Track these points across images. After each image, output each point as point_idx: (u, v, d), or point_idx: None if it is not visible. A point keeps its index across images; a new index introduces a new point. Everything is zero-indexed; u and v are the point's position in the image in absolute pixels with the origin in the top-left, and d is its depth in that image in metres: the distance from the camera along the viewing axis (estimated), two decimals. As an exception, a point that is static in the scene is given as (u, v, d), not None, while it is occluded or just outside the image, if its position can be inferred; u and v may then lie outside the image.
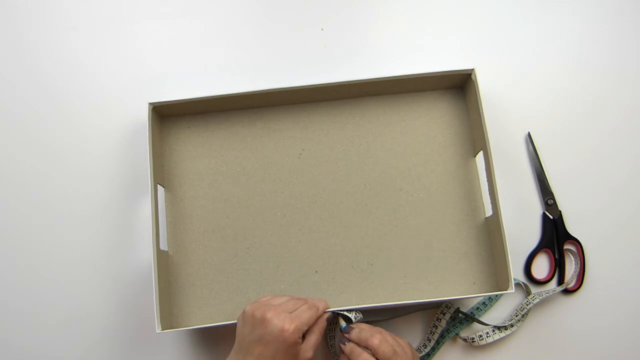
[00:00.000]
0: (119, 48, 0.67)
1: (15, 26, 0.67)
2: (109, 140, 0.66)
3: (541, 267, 0.65)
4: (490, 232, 0.62)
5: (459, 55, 0.68)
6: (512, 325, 0.63)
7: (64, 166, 0.65)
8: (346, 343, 0.54)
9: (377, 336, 0.52)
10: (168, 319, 0.60)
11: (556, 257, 0.65)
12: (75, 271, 0.64)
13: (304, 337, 0.52)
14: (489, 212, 0.62)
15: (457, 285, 0.62)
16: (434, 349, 0.62)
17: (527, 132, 0.66)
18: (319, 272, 0.63)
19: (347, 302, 0.62)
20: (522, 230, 0.65)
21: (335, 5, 0.68)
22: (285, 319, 0.49)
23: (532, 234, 0.65)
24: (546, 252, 0.65)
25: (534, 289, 0.64)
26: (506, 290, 0.58)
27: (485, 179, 0.62)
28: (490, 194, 0.61)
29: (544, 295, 0.63)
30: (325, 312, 0.55)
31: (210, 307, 0.62)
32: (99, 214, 0.64)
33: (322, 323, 0.54)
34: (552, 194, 0.65)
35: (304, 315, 0.51)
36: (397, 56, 0.68)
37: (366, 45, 0.68)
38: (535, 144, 0.66)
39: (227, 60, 0.67)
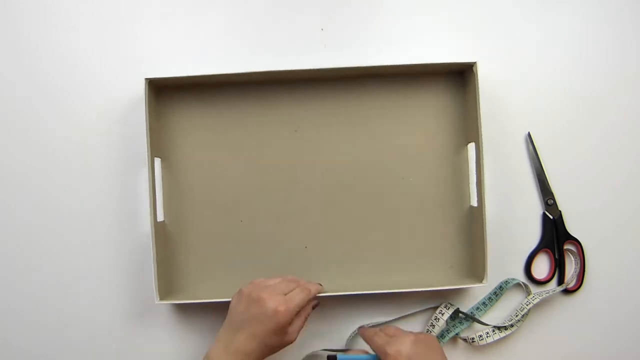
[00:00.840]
0: (119, 48, 0.67)
1: (15, 26, 0.67)
2: (109, 140, 0.66)
3: (541, 267, 0.65)
4: (474, 221, 0.63)
5: (459, 55, 0.67)
6: (512, 325, 0.63)
7: (64, 165, 0.65)
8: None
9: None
10: (166, 290, 0.62)
11: (556, 257, 0.65)
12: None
13: None
14: (475, 201, 0.63)
15: (436, 268, 0.64)
16: (434, 349, 0.63)
17: (527, 132, 0.66)
18: (308, 248, 0.64)
19: (334, 277, 0.64)
20: (522, 230, 0.65)
21: (335, 5, 0.68)
22: (280, 301, 0.52)
23: (532, 234, 0.65)
24: (546, 252, 0.65)
25: (534, 289, 0.64)
26: (481, 282, 0.59)
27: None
28: (477, 185, 0.61)
29: (544, 295, 0.63)
30: (316, 295, 0.57)
31: (203, 276, 0.64)
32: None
33: (309, 309, 0.57)
34: (552, 194, 0.65)
35: (297, 297, 0.53)
36: (398, 56, 0.67)
37: (366, 45, 0.68)
38: (535, 144, 0.66)
39: (227, 61, 0.67)
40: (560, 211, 0.65)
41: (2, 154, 0.66)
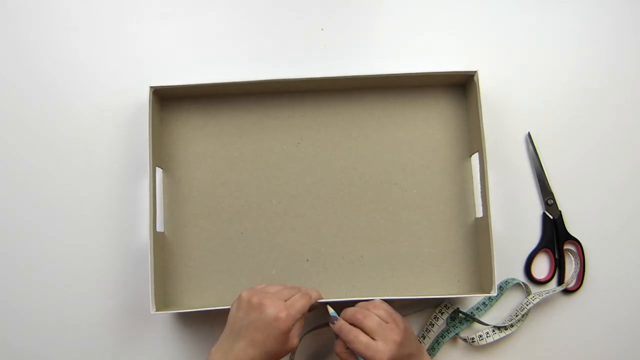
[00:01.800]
0: (119, 48, 0.67)
1: (15, 26, 0.67)
2: (109, 140, 0.66)
3: (541, 267, 0.65)
4: (479, 233, 0.62)
5: (460, 56, 0.67)
6: (512, 325, 0.63)
7: (64, 165, 0.65)
8: (335, 322, 0.54)
9: (361, 311, 0.53)
10: (163, 300, 0.61)
11: (556, 257, 0.65)
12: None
13: None
14: (480, 213, 0.62)
15: (442, 283, 0.63)
16: (433, 349, 0.63)
17: (527, 132, 0.66)
18: (310, 261, 0.63)
19: (336, 291, 0.63)
20: (522, 230, 0.65)
21: (335, 5, 0.68)
22: (281, 307, 0.50)
23: (532, 234, 0.65)
24: (546, 252, 0.65)
25: (534, 289, 0.64)
26: (489, 293, 0.59)
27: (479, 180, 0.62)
28: (481, 196, 0.61)
29: (544, 295, 0.63)
30: (316, 301, 0.56)
31: (202, 288, 0.63)
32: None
33: (306, 313, 0.54)
34: (552, 194, 0.65)
35: (298, 303, 0.52)
36: (398, 56, 0.67)
37: (366, 46, 0.68)
38: (535, 144, 0.66)
39: (227, 61, 0.67)
40: (560, 211, 0.65)
41: (2, 153, 0.66)
